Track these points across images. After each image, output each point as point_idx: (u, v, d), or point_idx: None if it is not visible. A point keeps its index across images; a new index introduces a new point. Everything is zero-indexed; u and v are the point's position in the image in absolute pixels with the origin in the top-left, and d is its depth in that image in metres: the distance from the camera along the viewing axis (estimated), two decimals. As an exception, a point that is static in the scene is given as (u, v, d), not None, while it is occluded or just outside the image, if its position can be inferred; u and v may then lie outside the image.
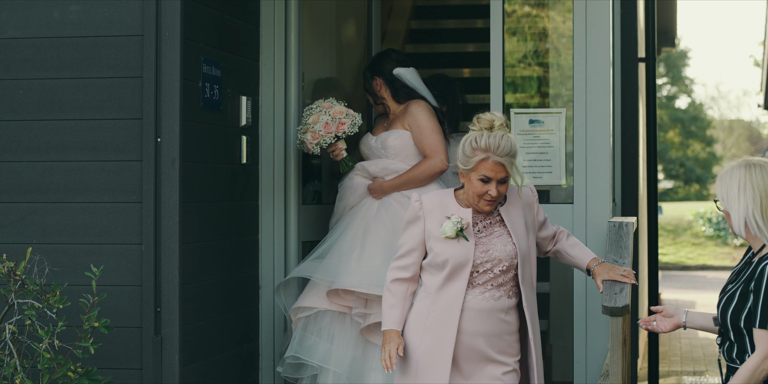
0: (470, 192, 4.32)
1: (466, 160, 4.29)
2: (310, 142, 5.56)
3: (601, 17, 5.49)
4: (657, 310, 4.17)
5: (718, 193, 3.94)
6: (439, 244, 4.34)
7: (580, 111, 5.49)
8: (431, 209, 4.38)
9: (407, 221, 4.42)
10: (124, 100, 4.88)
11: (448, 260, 4.31)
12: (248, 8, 5.73)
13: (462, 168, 4.31)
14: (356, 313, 5.34)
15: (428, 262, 4.39)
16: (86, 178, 4.90)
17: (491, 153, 4.24)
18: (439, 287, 4.34)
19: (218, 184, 5.29)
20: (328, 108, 5.59)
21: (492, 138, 4.24)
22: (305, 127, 5.60)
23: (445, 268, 4.32)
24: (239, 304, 5.53)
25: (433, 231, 4.36)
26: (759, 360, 3.71)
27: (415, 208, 4.40)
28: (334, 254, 5.49)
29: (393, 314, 4.39)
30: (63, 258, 4.87)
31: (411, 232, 4.41)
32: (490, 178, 4.26)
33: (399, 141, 5.58)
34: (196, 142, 5.01)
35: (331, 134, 5.54)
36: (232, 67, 5.45)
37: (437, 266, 4.35)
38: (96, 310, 4.36)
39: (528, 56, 6.35)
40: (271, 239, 5.83)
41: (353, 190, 5.67)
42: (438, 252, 4.33)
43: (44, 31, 4.94)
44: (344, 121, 5.56)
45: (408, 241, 4.42)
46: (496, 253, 4.34)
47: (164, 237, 4.80)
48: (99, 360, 4.74)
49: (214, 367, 5.19)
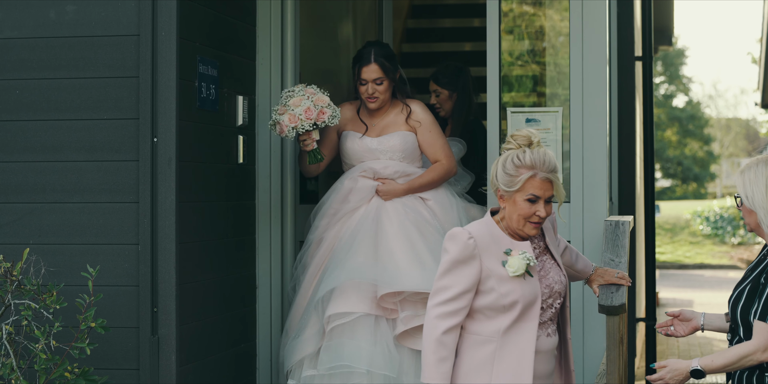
0: (514, 215, 3.89)
1: (509, 181, 3.87)
2: (286, 125, 5.28)
3: (597, 16, 5.50)
4: (674, 314, 4.14)
5: (741, 191, 3.89)
6: (504, 284, 3.85)
7: (576, 110, 5.49)
8: (485, 246, 3.87)
9: (456, 261, 3.84)
10: (120, 100, 4.87)
11: (518, 300, 3.84)
12: (245, 7, 5.73)
13: (505, 190, 3.89)
14: (405, 316, 5.15)
15: (488, 305, 3.88)
16: (83, 178, 4.89)
17: (538, 170, 3.86)
18: (506, 330, 3.85)
19: (215, 184, 5.28)
20: (311, 94, 5.35)
21: (536, 153, 3.86)
22: (283, 109, 5.33)
23: (514, 310, 3.85)
24: (236, 304, 5.53)
25: (495, 270, 3.85)
26: (751, 349, 3.71)
27: (470, 247, 3.84)
28: (361, 257, 5.29)
29: (444, 368, 3.85)
30: (60, 258, 4.87)
31: (463, 273, 3.84)
32: (539, 198, 3.86)
33: (407, 143, 5.50)
34: (192, 141, 5.01)
35: (311, 121, 5.28)
36: (229, 67, 5.45)
37: (502, 308, 3.86)
38: (92, 311, 4.36)
39: (525, 55, 6.35)
40: (267, 239, 5.83)
41: (358, 191, 5.48)
42: (504, 292, 3.84)
43: (40, 31, 4.93)
44: (325, 110, 5.33)
45: (458, 283, 3.84)
46: (556, 287, 3.98)
47: (161, 237, 4.80)
48: (96, 360, 4.74)
49: (211, 367, 5.19)
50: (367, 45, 5.59)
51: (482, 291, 3.85)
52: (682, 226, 28.90)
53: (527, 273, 3.84)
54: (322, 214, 5.54)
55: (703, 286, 18.45)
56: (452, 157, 5.52)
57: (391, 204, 5.45)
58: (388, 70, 5.49)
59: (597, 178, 5.46)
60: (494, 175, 3.93)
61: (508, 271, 3.83)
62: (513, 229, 3.92)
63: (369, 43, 5.62)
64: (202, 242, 5.11)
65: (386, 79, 5.49)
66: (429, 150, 5.52)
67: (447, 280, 3.85)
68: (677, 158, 42.29)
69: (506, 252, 3.86)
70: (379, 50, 5.52)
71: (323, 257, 5.47)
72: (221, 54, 5.35)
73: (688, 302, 15.45)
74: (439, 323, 3.83)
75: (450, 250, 3.86)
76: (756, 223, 3.88)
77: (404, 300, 5.19)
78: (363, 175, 5.50)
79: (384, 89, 5.50)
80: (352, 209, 5.49)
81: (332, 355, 5.18)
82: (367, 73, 5.47)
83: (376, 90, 5.48)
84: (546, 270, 3.96)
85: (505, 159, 3.90)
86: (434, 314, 3.84)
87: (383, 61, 5.48)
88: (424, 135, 5.51)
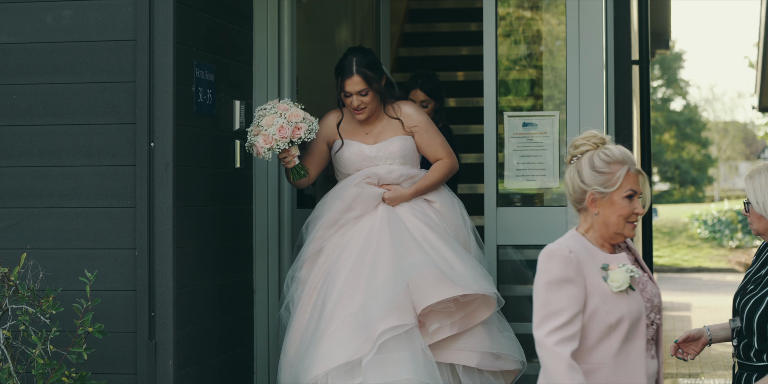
0: (612, 218, 3.50)
1: (606, 180, 3.49)
2: (262, 146, 5.08)
3: (594, 20, 5.50)
4: (681, 340, 4.09)
5: (751, 197, 3.91)
6: (609, 301, 3.44)
7: (573, 114, 5.49)
8: (584, 260, 3.47)
9: (561, 280, 3.41)
10: (117, 105, 4.88)
11: (624, 317, 3.45)
12: (241, 12, 5.73)
13: (600, 191, 3.49)
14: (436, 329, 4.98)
15: (594, 327, 3.46)
16: (80, 183, 4.89)
17: (629, 164, 3.51)
18: (616, 353, 3.44)
19: (212, 189, 5.28)
20: (284, 110, 5.12)
21: (621, 148, 3.52)
22: (257, 129, 5.12)
23: (620, 328, 3.44)
24: (233, 308, 5.53)
25: (599, 286, 3.45)
26: None
27: (572, 262, 3.43)
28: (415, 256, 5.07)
29: None
30: (57, 263, 4.87)
31: (570, 293, 3.41)
32: (635, 193, 3.51)
33: (406, 148, 5.33)
34: (189, 146, 5.01)
35: (286, 139, 5.06)
36: (226, 72, 5.45)
37: (608, 328, 3.45)
38: (90, 315, 4.35)
39: (522, 59, 6.35)
40: (265, 243, 5.83)
41: (364, 199, 5.25)
42: (609, 309, 3.43)
43: (37, 37, 4.94)
44: (300, 125, 5.10)
45: (569, 304, 3.40)
46: (655, 300, 3.63)
47: (158, 242, 4.80)
48: (93, 365, 4.73)
49: (208, 371, 5.19)
50: (348, 53, 5.33)
51: (585, 311, 3.45)
52: (680, 229, 28.91)
53: (629, 287, 3.48)
54: (320, 224, 5.31)
55: (701, 290, 18.46)
56: (453, 154, 5.39)
57: (399, 209, 5.29)
58: (372, 79, 5.26)
59: (594, 182, 5.44)
60: (578, 181, 3.52)
61: (611, 287, 3.45)
62: (609, 237, 3.54)
63: (350, 51, 5.37)
64: (199, 247, 5.11)
65: (371, 90, 5.26)
66: (429, 150, 5.37)
67: (555, 303, 3.40)
68: (675, 162, 42.34)
69: (603, 267, 3.48)
70: (361, 59, 5.27)
71: (321, 271, 5.25)
72: (218, 58, 5.35)
73: (686, 305, 15.45)
74: (563, 349, 3.37)
75: (551, 269, 3.43)
76: (765, 228, 3.91)
77: (431, 311, 5.01)
78: (368, 182, 5.30)
79: (370, 99, 5.27)
80: (356, 217, 5.28)
81: (387, 369, 4.91)
82: (351, 86, 5.25)
83: (362, 101, 5.26)
84: (643, 283, 3.60)
85: (591, 159, 3.51)
86: (552, 342, 3.37)
87: (365, 72, 5.24)
88: (422, 136, 5.36)
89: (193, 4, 5.06)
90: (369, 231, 5.22)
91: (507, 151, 5.71)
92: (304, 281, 5.25)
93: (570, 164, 3.55)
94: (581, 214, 3.57)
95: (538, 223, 5.56)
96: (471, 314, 5.10)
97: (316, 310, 5.14)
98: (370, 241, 5.19)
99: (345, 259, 5.18)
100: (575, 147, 3.55)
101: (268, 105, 5.17)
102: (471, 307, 5.08)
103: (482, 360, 5.10)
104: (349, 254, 5.19)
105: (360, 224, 5.26)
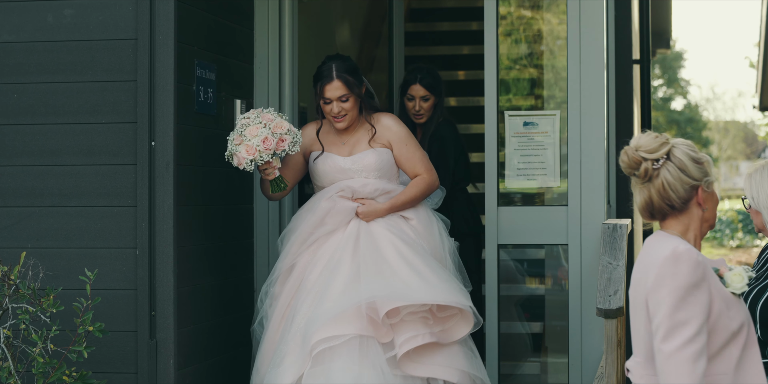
0: (713, 211, 3.29)
1: (708, 170, 3.27)
2: (244, 157, 4.86)
3: (595, 19, 5.50)
4: None
5: (748, 193, 4.06)
6: (731, 306, 3.18)
7: (574, 113, 5.49)
8: (705, 262, 3.16)
9: (690, 285, 3.08)
10: (118, 104, 4.88)
11: (744, 323, 3.19)
12: (242, 11, 5.73)
13: (709, 181, 3.26)
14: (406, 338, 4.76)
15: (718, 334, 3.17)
16: (81, 182, 4.90)
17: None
18: (738, 361, 3.16)
19: (213, 188, 5.28)
20: (268, 121, 4.89)
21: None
22: (239, 138, 4.90)
23: (741, 335, 3.17)
24: (234, 307, 5.53)
25: (720, 290, 3.16)
26: None
27: (700, 266, 3.11)
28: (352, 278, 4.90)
29: None
30: (57, 262, 4.87)
31: (698, 300, 3.09)
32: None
33: (382, 161, 5.13)
34: (190, 145, 5.01)
35: (269, 151, 4.85)
36: (227, 71, 5.45)
37: (731, 335, 3.17)
38: (90, 314, 4.36)
39: (523, 58, 6.36)
40: (266, 243, 5.83)
41: (336, 214, 5.05)
42: (732, 315, 3.16)
43: (38, 35, 4.94)
44: (285, 137, 4.89)
45: (698, 314, 3.08)
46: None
47: (159, 241, 4.80)
48: (94, 364, 4.74)
49: (209, 370, 5.19)
50: (327, 60, 5.16)
51: (710, 318, 3.14)
52: (681, 229, 28.86)
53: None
54: (294, 239, 5.11)
55: (702, 289, 18.43)
56: (433, 170, 5.19)
57: (373, 224, 5.06)
58: (353, 85, 5.08)
59: (595, 182, 5.46)
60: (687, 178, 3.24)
61: (734, 289, 3.21)
62: (702, 234, 3.30)
63: (329, 57, 5.19)
64: (200, 246, 5.12)
65: (352, 95, 5.08)
66: (407, 164, 5.15)
67: (684, 312, 3.08)
68: (676, 161, 42.28)
69: (715, 270, 3.22)
70: (341, 65, 5.10)
71: (294, 286, 5.07)
72: (219, 58, 5.35)
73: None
74: (696, 367, 3.05)
75: (679, 274, 3.09)
76: (762, 224, 4.01)
77: (402, 321, 4.83)
78: (342, 195, 5.09)
79: (351, 106, 5.09)
80: (328, 232, 5.07)
81: (319, 382, 4.74)
82: (331, 91, 5.06)
83: (342, 108, 5.07)
84: None
85: (687, 154, 3.23)
86: (685, 357, 3.05)
87: (346, 77, 5.07)
88: (400, 149, 5.16)
89: (194, 3, 5.06)
90: (335, 248, 5.04)
91: (508, 151, 5.71)
92: (278, 296, 5.09)
93: (655, 170, 3.24)
94: (672, 218, 3.28)
95: (538, 223, 5.56)
96: (449, 330, 4.93)
97: (286, 327, 5.00)
98: (332, 258, 5.01)
99: (314, 277, 5.02)
100: (652, 151, 3.23)
101: (252, 114, 4.95)
102: (449, 324, 4.92)
103: (462, 378, 4.92)
104: (317, 271, 5.03)
105: (331, 240, 5.07)
